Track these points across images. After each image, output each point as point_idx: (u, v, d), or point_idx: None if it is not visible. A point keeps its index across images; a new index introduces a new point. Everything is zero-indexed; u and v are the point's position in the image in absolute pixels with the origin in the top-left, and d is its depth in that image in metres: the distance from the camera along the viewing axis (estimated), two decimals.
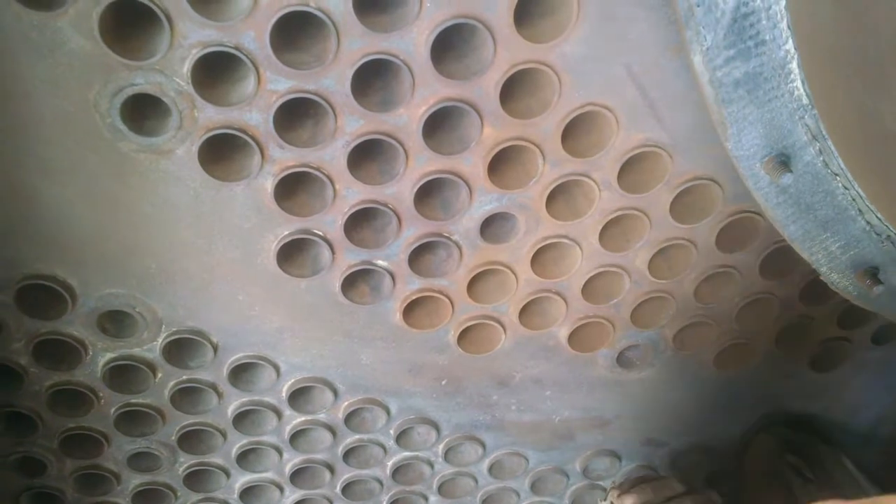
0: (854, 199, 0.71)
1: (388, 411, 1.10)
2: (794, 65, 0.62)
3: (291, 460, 1.14)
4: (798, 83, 0.63)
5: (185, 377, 1.00)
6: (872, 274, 0.76)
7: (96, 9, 0.68)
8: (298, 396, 1.05)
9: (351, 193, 0.85)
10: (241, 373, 1.01)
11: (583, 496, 1.30)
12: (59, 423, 1.01)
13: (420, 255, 0.93)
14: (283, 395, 1.04)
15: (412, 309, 0.99)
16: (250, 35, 0.72)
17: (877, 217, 0.72)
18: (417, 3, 0.72)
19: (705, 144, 0.86)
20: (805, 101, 0.64)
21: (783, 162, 0.67)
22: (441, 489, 1.23)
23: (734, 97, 0.65)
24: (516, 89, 0.81)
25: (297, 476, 1.16)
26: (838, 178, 0.69)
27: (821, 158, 0.68)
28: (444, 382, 1.09)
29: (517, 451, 1.21)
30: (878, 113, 0.52)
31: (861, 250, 0.75)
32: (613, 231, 0.95)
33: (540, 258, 0.96)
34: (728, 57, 0.63)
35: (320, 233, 0.88)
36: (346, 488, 1.19)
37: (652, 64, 0.81)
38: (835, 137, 0.65)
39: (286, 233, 0.87)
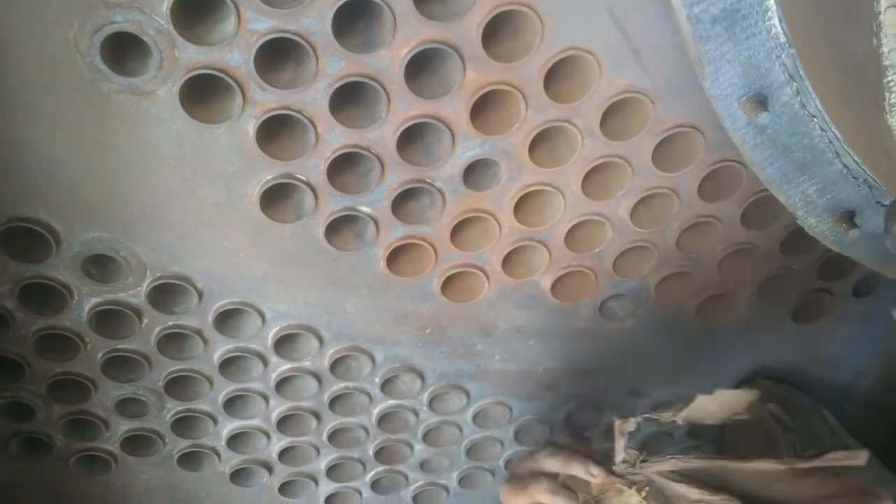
0: (831, 142, 0.71)
1: (373, 359, 1.11)
2: (771, 1, 0.62)
3: (278, 407, 1.15)
4: (776, 20, 0.63)
5: (170, 323, 1.00)
6: (849, 218, 0.76)
7: None
8: (284, 343, 1.06)
9: (333, 137, 0.85)
10: (227, 319, 1.02)
11: None
12: (47, 368, 1.02)
13: (403, 202, 0.94)
14: (269, 342, 1.05)
15: (396, 256, 0.99)
16: None
17: (853, 160, 0.72)
18: None
19: (688, 91, 0.86)
20: (783, 39, 0.64)
21: (760, 101, 0.67)
22: (426, 437, 1.25)
23: (711, 34, 0.65)
24: (499, 32, 0.81)
25: (284, 423, 1.17)
26: (815, 120, 0.70)
27: (798, 99, 0.68)
28: (428, 331, 1.10)
29: (501, 401, 1.23)
30: (851, 45, 0.52)
31: (838, 194, 0.75)
32: (596, 179, 0.95)
33: (523, 206, 0.96)
34: None
35: (303, 178, 0.88)
36: (333, 436, 1.21)
37: (635, 7, 0.81)
38: (811, 76, 0.65)
39: (269, 177, 0.88)
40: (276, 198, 0.90)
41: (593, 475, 0.93)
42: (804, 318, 1.21)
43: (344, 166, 0.89)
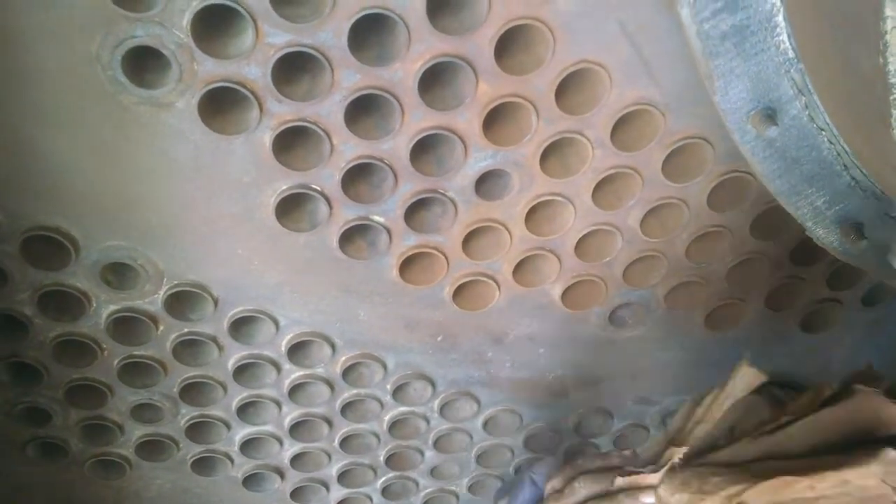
0: (839, 155, 0.72)
1: (384, 367, 1.13)
2: (780, 18, 0.63)
3: (290, 414, 1.16)
4: (784, 37, 0.65)
5: (186, 330, 1.02)
6: (857, 229, 0.77)
7: None
8: (297, 351, 1.08)
9: (348, 148, 0.87)
10: (241, 326, 1.04)
11: (575, 454, 1.33)
12: (64, 373, 1.04)
13: (416, 212, 0.95)
14: (282, 349, 1.07)
15: (408, 265, 1.01)
16: None
17: (861, 172, 0.73)
18: None
19: (698, 103, 0.88)
20: (791, 54, 0.66)
21: (769, 115, 0.68)
22: (437, 444, 1.26)
23: (721, 50, 0.66)
24: (511, 46, 0.82)
25: (296, 429, 1.18)
26: (824, 133, 0.71)
27: (806, 113, 0.69)
28: (439, 339, 1.11)
29: (511, 409, 1.24)
30: (857, 61, 0.53)
31: (846, 206, 0.76)
32: (606, 189, 0.97)
33: (533, 216, 0.98)
34: (715, 9, 0.64)
35: (318, 188, 0.90)
36: (344, 442, 1.22)
37: (646, 21, 0.82)
38: (820, 91, 0.66)
39: (284, 187, 0.89)
40: (290, 207, 0.92)
41: None
42: (813, 328, 1.22)
43: (358, 177, 0.90)
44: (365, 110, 0.85)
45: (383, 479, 1.31)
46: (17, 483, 1.18)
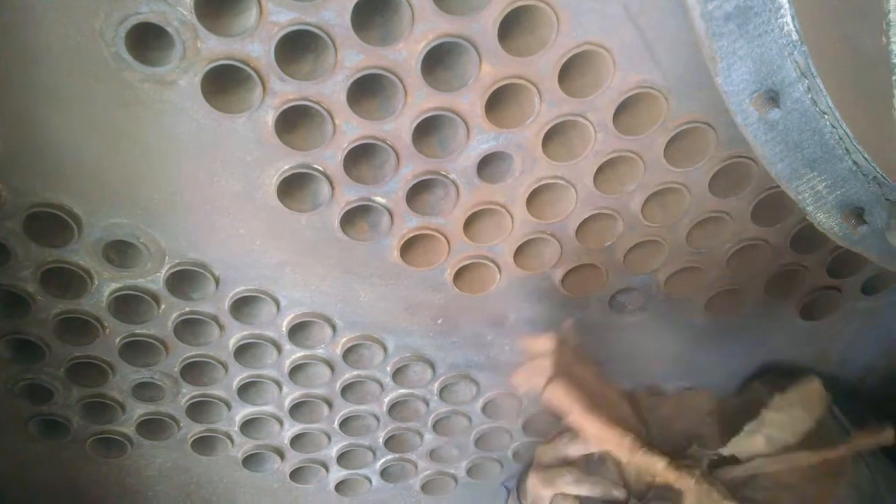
0: (841, 139, 0.72)
1: (385, 348, 1.13)
2: None
3: (291, 394, 1.17)
4: (788, 18, 0.64)
5: (187, 309, 1.02)
6: (858, 214, 0.77)
7: None
8: (298, 331, 1.08)
9: (350, 128, 0.87)
10: (243, 306, 1.04)
11: None
12: (66, 351, 1.04)
13: (417, 193, 0.95)
14: (283, 329, 1.07)
15: (409, 247, 1.01)
16: None
17: (863, 157, 0.73)
18: None
19: (701, 88, 0.88)
20: (794, 36, 0.65)
21: (772, 98, 0.68)
22: (436, 427, 1.27)
23: (724, 31, 0.66)
24: (515, 27, 0.82)
25: (296, 410, 1.19)
26: (826, 117, 0.70)
27: (809, 96, 0.69)
28: (440, 321, 1.12)
29: (511, 392, 1.24)
30: (861, 43, 0.53)
31: (847, 190, 0.76)
32: (608, 173, 0.97)
33: (535, 199, 0.98)
34: None
35: (320, 168, 0.90)
36: (344, 423, 1.23)
37: (649, 4, 0.82)
38: (822, 73, 0.66)
39: (287, 167, 0.89)
40: (293, 187, 0.92)
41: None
42: (813, 315, 1.22)
43: (360, 157, 0.91)
44: (368, 91, 0.85)
45: (382, 460, 1.32)
46: (19, 460, 1.19)
